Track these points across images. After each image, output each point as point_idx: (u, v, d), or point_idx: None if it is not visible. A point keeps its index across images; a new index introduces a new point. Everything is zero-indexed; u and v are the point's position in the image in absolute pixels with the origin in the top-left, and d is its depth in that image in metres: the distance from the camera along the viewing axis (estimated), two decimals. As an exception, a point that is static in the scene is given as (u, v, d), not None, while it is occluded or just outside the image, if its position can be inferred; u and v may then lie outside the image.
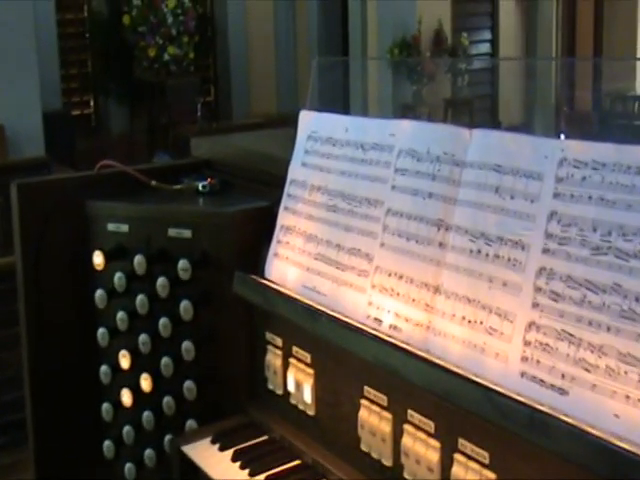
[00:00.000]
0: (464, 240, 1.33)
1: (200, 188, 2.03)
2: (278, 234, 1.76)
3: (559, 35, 11.18)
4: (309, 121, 1.77)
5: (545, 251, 1.20)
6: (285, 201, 1.76)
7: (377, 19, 9.54)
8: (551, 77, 7.92)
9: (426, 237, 1.40)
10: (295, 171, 1.76)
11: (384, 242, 1.49)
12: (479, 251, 1.30)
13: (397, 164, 1.50)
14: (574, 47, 11.43)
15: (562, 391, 1.13)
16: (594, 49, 11.20)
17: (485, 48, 10.19)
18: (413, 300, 1.40)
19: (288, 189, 1.76)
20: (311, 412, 1.65)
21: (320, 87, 1.99)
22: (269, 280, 1.74)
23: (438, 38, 9.38)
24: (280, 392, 1.75)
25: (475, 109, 9.66)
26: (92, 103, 10.50)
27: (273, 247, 1.76)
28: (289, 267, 1.71)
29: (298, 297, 1.63)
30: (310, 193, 1.70)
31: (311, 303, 1.59)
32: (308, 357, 1.65)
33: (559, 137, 1.29)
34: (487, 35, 10.24)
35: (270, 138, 2.46)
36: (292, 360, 1.69)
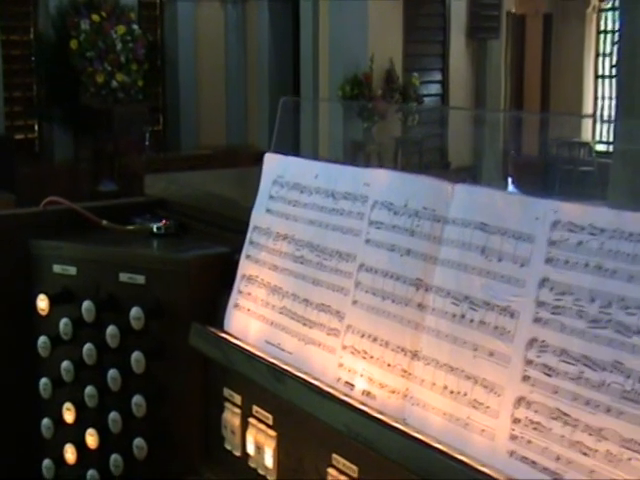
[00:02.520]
0: (446, 303, 1.24)
1: (154, 230, 1.94)
2: (239, 284, 1.66)
3: (508, 75, 11.36)
4: (275, 165, 1.68)
5: (536, 320, 1.12)
6: (247, 249, 1.67)
7: (329, 55, 9.57)
8: (499, 121, 8.01)
9: (403, 297, 1.31)
10: (259, 217, 1.67)
11: (357, 300, 1.40)
12: (463, 316, 1.21)
13: (371, 216, 1.41)
14: (522, 86, 11.63)
15: (556, 475, 1.04)
16: (542, 87, 11.40)
17: (435, 89, 10.29)
18: (389, 365, 1.31)
19: (251, 236, 1.67)
20: (272, 478, 1.54)
21: (271, 126, 1.93)
22: (228, 333, 1.64)
23: (389, 77, 9.45)
24: (238, 454, 1.63)
25: (425, 149, 9.73)
26: (36, 128, 10.28)
27: (233, 298, 1.67)
28: (251, 320, 1.62)
29: (260, 354, 1.54)
30: (275, 242, 1.61)
31: (275, 361, 1.50)
32: (270, 418, 1.55)
33: (507, 181, 1.22)
34: (437, 76, 10.34)
35: (230, 178, 2.41)
36: (252, 420, 1.59)
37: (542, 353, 1.10)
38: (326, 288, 1.47)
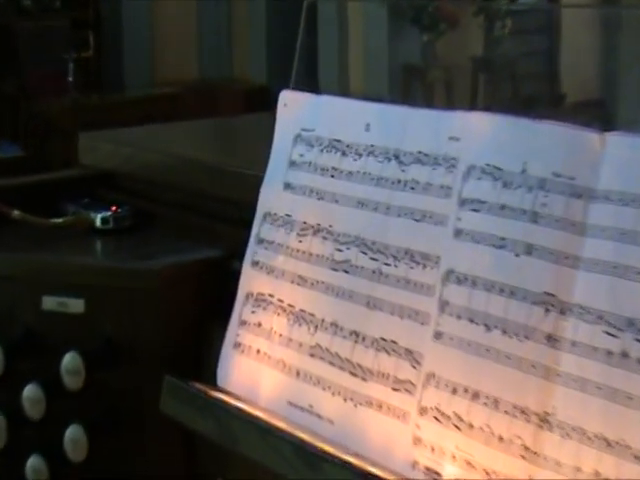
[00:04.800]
0: (596, 332, 1.24)
1: (98, 223, 1.98)
2: (242, 309, 1.69)
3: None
4: (297, 109, 1.71)
5: None
6: (254, 250, 1.70)
7: None
8: (643, 24, 7.97)
9: (522, 325, 1.31)
10: (272, 198, 1.70)
11: (442, 331, 1.40)
12: (625, 354, 1.21)
13: (464, 191, 1.42)
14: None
15: None
16: None
17: (538, -25, 10.24)
18: (500, 438, 1.31)
19: (259, 229, 1.70)
20: None
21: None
22: (226, 392, 1.67)
23: (462, -42, 9.41)
24: None
25: (522, 74, 9.70)
26: None
27: (233, 332, 1.69)
28: (262, 369, 1.64)
29: (280, 424, 1.56)
30: (301, 237, 1.63)
31: (305, 436, 1.52)
32: (299, 531, 1.58)
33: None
34: (541, -47, 10.31)
35: (215, 133, 2.44)
36: (269, 535, 1.62)
37: None
38: (389, 313, 1.48)
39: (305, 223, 1.62)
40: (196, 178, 2.01)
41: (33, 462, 1.77)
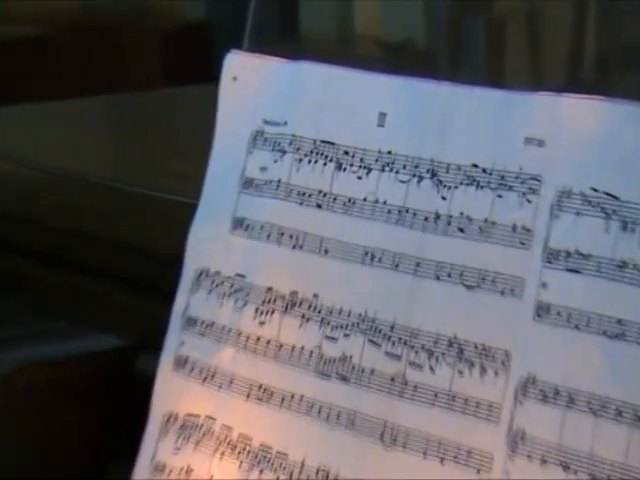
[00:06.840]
0: None
1: None
2: (157, 444, 1.71)
3: None
4: (258, 85, 1.72)
5: None
6: (180, 339, 1.71)
7: None
8: None
9: None
10: (211, 244, 1.71)
11: (509, 470, 1.39)
12: None
13: (554, 237, 1.40)
14: None
15: None
16: None
17: None
18: None
19: (188, 301, 1.71)
20: None
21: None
22: None
23: None
24: None
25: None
26: None
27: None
28: None
29: None
30: (262, 316, 1.63)
31: None
32: None
33: None
34: None
35: (117, 124, 2.43)
36: None
37: None
38: (421, 453, 1.47)
39: (270, 290, 1.62)
40: (80, 208, 2.01)
41: None
